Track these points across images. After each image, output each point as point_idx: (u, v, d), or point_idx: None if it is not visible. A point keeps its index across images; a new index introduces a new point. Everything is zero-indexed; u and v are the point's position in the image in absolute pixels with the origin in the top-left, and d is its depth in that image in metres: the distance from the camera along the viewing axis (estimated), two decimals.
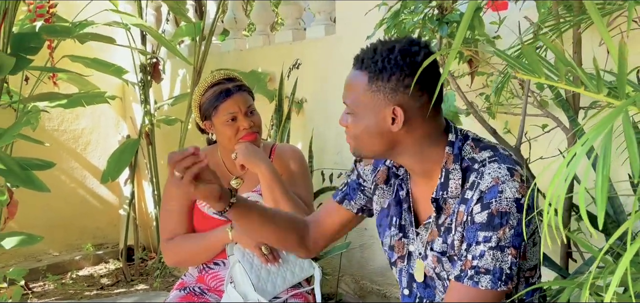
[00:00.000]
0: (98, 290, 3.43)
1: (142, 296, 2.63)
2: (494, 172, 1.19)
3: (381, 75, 1.20)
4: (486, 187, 1.18)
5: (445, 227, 1.27)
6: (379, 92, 1.21)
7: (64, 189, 3.97)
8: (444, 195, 1.25)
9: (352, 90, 1.25)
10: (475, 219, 1.19)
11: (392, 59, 1.20)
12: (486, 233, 1.17)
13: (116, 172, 3.33)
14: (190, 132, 3.38)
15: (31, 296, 3.32)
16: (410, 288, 1.37)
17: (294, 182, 1.95)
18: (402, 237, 1.36)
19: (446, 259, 1.27)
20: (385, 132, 1.22)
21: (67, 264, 3.85)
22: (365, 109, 1.23)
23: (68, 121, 4.06)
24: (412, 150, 1.26)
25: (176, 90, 3.89)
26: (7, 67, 2.22)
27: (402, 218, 1.36)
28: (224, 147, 1.96)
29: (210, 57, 3.34)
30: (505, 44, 1.96)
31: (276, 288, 1.85)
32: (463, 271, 1.20)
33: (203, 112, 1.92)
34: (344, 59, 2.92)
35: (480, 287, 1.17)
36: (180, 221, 1.94)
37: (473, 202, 1.20)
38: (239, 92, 1.89)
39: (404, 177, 1.37)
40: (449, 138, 1.27)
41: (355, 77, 1.25)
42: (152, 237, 3.99)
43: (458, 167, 1.24)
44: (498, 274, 1.16)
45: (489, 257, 1.17)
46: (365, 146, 1.26)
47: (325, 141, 3.01)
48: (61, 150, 3.95)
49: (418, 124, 1.23)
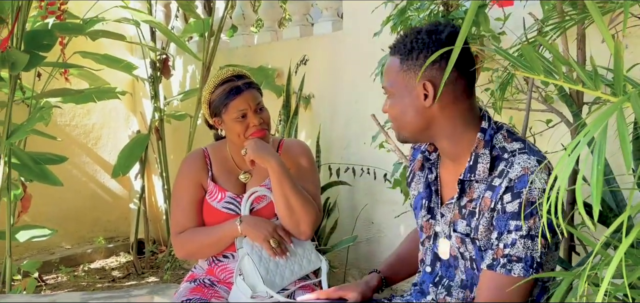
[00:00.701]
0: (109, 282, 3.49)
1: (153, 287, 2.68)
2: (524, 163, 1.25)
3: (411, 55, 1.30)
4: (516, 176, 1.24)
5: (469, 210, 1.33)
6: (410, 71, 1.30)
7: (76, 183, 4.03)
8: (471, 178, 1.31)
9: (388, 75, 1.35)
10: (506, 209, 1.25)
11: (419, 39, 1.30)
12: (518, 223, 1.23)
13: (127, 167, 3.39)
14: (200, 127, 3.42)
15: (45, 288, 3.39)
16: (433, 266, 1.44)
17: (301, 176, 1.98)
18: (430, 218, 1.44)
19: (469, 241, 1.33)
20: (420, 109, 1.31)
21: (79, 257, 3.92)
22: (400, 89, 1.32)
23: (79, 116, 4.12)
24: (447, 130, 1.33)
25: (185, 86, 3.94)
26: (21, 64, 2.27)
27: (431, 200, 1.44)
28: (233, 143, 1.99)
29: (218, 53, 3.38)
30: (510, 40, 1.98)
31: (284, 281, 1.89)
32: (495, 260, 1.26)
33: (213, 109, 1.95)
34: (351, 54, 2.98)
35: (513, 275, 1.23)
36: (191, 215, 1.97)
37: (502, 190, 1.25)
38: (249, 90, 1.92)
39: (435, 161, 1.44)
40: (482, 125, 1.33)
41: (390, 63, 1.35)
42: (162, 231, 4.05)
43: (488, 153, 1.30)
44: (530, 262, 1.23)
45: (520, 246, 1.23)
46: (405, 126, 1.35)
47: (333, 136, 3.05)
48: (73, 145, 4.00)
49: (450, 101, 1.30)
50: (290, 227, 1.89)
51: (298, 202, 1.86)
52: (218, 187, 1.98)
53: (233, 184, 2.00)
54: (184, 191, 2.00)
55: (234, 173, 2.02)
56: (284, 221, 1.90)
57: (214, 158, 2.03)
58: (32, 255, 3.79)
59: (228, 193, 1.97)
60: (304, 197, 1.88)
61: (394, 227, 2.84)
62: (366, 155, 2.88)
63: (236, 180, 2.01)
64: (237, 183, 2.01)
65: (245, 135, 1.92)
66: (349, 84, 2.99)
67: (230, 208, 1.96)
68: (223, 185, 1.99)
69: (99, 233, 4.18)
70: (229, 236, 1.92)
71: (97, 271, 3.76)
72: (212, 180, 1.99)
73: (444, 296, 1.40)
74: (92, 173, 4.20)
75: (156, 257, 3.88)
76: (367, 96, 2.87)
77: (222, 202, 1.97)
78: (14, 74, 2.54)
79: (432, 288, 1.43)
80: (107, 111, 4.23)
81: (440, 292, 1.41)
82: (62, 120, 4.00)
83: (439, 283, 1.43)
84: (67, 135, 3.97)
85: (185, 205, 1.99)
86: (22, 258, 3.59)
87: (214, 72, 3.17)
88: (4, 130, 2.65)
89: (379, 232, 2.94)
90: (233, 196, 1.97)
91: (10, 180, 2.79)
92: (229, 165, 2.03)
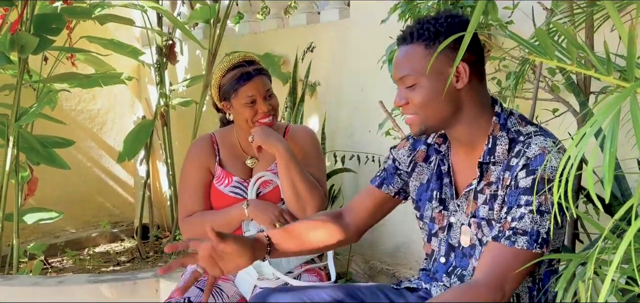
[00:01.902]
0: (114, 266, 3.52)
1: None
2: (541, 142, 1.27)
3: (438, 38, 1.27)
4: (533, 155, 1.26)
5: (490, 193, 1.34)
6: (439, 54, 1.25)
7: (81, 168, 4.05)
8: (491, 160, 1.32)
9: (409, 62, 1.31)
10: (519, 184, 1.26)
11: (442, 23, 1.29)
12: (529, 198, 1.23)
13: (132, 152, 3.40)
14: (205, 113, 3.44)
15: (50, 270, 3.42)
16: (448, 256, 1.44)
17: (307, 161, 1.99)
18: (443, 209, 1.44)
19: (485, 223, 1.34)
20: (451, 93, 1.29)
21: (84, 241, 3.94)
22: (428, 74, 1.28)
23: (85, 101, 4.14)
24: (470, 114, 1.33)
25: (191, 72, 3.95)
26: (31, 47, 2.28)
27: (443, 191, 1.44)
28: (240, 128, 2.01)
29: (224, 40, 3.38)
30: (518, 29, 1.99)
31: (290, 264, 1.91)
32: (501, 232, 1.26)
33: (222, 94, 1.96)
34: (358, 42, 2.99)
35: (516, 247, 1.23)
36: (198, 199, 2.00)
37: (518, 168, 1.27)
38: (259, 76, 1.94)
39: (445, 152, 1.44)
40: (495, 109, 1.35)
41: (409, 51, 1.31)
42: (167, 216, 4.07)
43: (505, 135, 1.32)
44: (535, 236, 1.23)
45: (528, 220, 1.23)
46: (432, 114, 1.31)
47: (338, 124, 3.06)
48: (78, 129, 4.02)
49: (477, 84, 1.32)
50: (296, 211, 1.91)
51: (304, 187, 1.88)
52: (225, 172, 2.00)
53: (240, 169, 2.02)
54: (192, 175, 2.02)
55: (240, 159, 2.04)
56: (290, 205, 1.91)
57: (221, 144, 2.05)
58: (37, 238, 3.82)
59: (235, 178, 1.99)
60: (310, 182, 1.90)
61: (397, 214, 2.85)
62: (371, 143, 2.89)
63: (243, 165, 2.03)
64: (243, 168, 2.03)
65: (253, 121, 1.93)
66: (355, 71, 3.00)
67: (237, 193, 1.98)
68: (230, 170, 2.01)
69: (104, 218, 4.20)
70: (237, 219, 1.94)
71: (102, 255, 3.79)
72: (219, 165, 2.01)
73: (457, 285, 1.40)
74: (97, 158, 4.22)
75: (160, 242, 3.91)
76: (373, 84, 2.88)
77: (229, 187, 1.99)
78: (23, 56, 2.56)
79: (446, 278, 1.44)
80: (113, 96, 4.24)
81: (453, 282, 1.42)
82: (67, 104, 4.01)
83: (452, 273, 1.43)
84: (73, 120, 3.98)
85: (193, 189, 2.01)
86: (27, 241, 3.62)
87: (219, 59, 3.20)
88: (12, 113, 2.67)
89: (383, 221, 2.94)
90: (240, 181, 1.99)
91: (18, 162, 2.81)
92: (236, 150, 2.05)
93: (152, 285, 2.57)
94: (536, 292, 1.35)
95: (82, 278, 2.65)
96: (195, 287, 1.89)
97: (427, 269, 1.53)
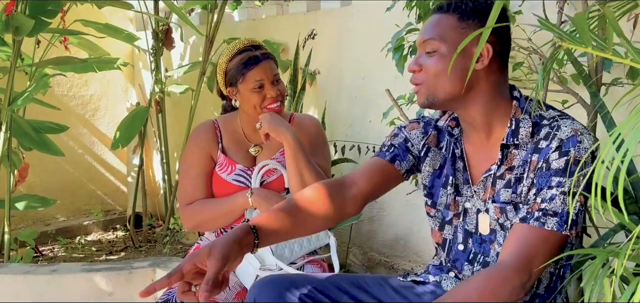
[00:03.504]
0: (107, 255, 3.46)
1: (155, 260, 2.65)
2: (571, 125, 1.26)
3: (472, 15, 1.27)
4: (566, 136, 1.24)
5: (514, 177, 1.31)
6: (469, 30, 1.26)
7: (72, 155, 3.98)
8: (515, 142, 1.30)
9: (439, 28, 1.29)
10: (551, 165, 1.24)
11: (481, 2, 1.28)
12: (560, 179, 1.21)
13: (127, 139, 3.34)
14: (201, 100, 3.38)
15: (41, 259, 3.35)
16: (466, 243, 1.41)
17: (313, 151, 1.96)
18: (457, 195, 1.41)
19: (511, 208, 1.31)
20: (466, 70, 1.24)
21: (75, 229, 3.88)
22: (452, 45, 1.27)
23: (77, 87, 4.06)
24: (485, 96, 1.31)
25: (187, 59, 3.88)
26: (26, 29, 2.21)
27: (457, 177, 1.41)
28: (246, 114, 1.96)
29: (222, 27, 3.32)
30: (526, 19, 1.96)
31: (293, 254, 1.88)
32: (529, 213, 1.23)
33: (229, 79, 1.92)
34: (359, 30, 2.95)
35: (546, 228, 1.20)
36: (200, 186, 1.95)
37: (551, 150, 1.25)
38: (267, 60, 1.90)
39: (458, 136, 1.41)
40: (514, 94, 1.34)
41: (442, 19, 1.30)
42: (160, 205, 4.02)
43: (528, 117, 1.30)
44: (565, 217, 1.20)
45: (558, 201, 1.21)
46: (444, 85, 1.29)
47: (337, 113, 3.02)
48: (70, 115, 3.94)
49: (496, 68, 1.30)
50: None
51: (311, 177, 1.85)
52: (228, 159, 1.96)
53: (243, 157, 1.98)
54: (194, 162, 1.98)
55: (244, 146, 2.00)
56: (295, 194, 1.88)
57: (224, 131, 2.01)
58: (27, 226, 3.75)
59: (238, 166, 1.95)
60: (317, 172, 1.87)
61: (396, 205, 2.84)
62: (371, 133, 2.86)
63: (246, 153, 1.99)
64: (247, 156, 1.99)
65: (261, 107, 1.89)
66: (355, 60, 2.96)
67: (241, 181, 1.94)
68: (233, 158, 1.97)
69: (95, 206, 4.14)
70: (240, 208, 1.90)
71: (94, 243, 3.73)
72: (222, 152, 1.97)
73: None
74: (89, 145, 4.15)
75: (153, 231, 3.85)
76: (375, 73, 2.85)
77: (233, 174, 1.95)
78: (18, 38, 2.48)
79: (468, 266, 1.40)
80: (106, 82, 4.16)
81: (476, 270, 1.38)
82: (59, 90, 3.93)
83: (474, 260, 1.39)
84: (65, 106, 3.90)
85: (195, 176, 1.97)
86: (16, 228, 3.55)
87: (217, 46, 3.14)
88: (5, 97, 2.60)
89: (381, 210, 2.93)
90: (243, 169, 1.95)
91: (10, 148, 2.74)
92: (239, 137, 2.01)
93: (147, 274, 2.52)
94: (555, 277, 1.33)
95: (76, 267, 2.59)
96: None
97: (436, 264, 1.49)
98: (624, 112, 1.34)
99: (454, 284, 1.41)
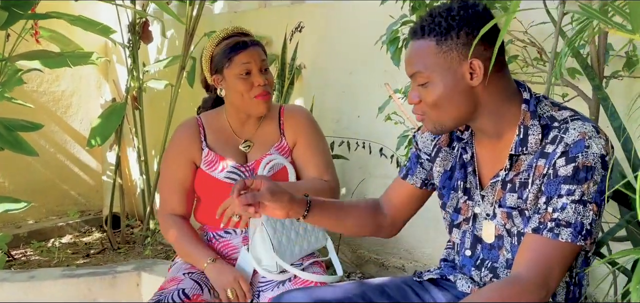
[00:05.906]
0: (84, 258, 3.32)
1: (139, 263, 2.54)
2: (580, 128, 1.20)
3: (449, 34, 1.20)
4: (572, 141, 1.18)
5: (519, 182, 1.26)
6: (452, 51, 1.21)
7: (43, 153, 3.79)
8: (524, 151, 1.25)
9: (420, 59, 1.24)
10: (559, 172, 1.19)
11: (455, 16, 1.20)
12: (570, 187, 1.17)
13: (103, 137, 3.19)
14: (180, 97, 3.27)
15: (15, 264, 3.19)
16: (474, 249, 1.37)
17: (311, 148, 1.91)
18: (467, 199, 1.36)
19: (516, 213, 1.27)
20: (466, 90, 1.22)
21: (48, 231, 3.71)
22: (440, 71, 1.22)
23: (48, 82, 3.88)
24: (491, 107, 1.25)
25: (164, 53, 3.75)
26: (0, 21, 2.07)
27: (467, 181, 1.36)
28: (233, 107, 1.88)
29: (201, 19, 3.21)
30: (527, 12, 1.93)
31: (294, 256, 1.83)
32: (542, 223, 1.19)
33: (215, 64, 1.84)
34: (346, 24, 2.88)
35: (560, 239, 1.16)
36: (177, 201, 1.89)
37: (557, 156, 1.19)
38: (255, 46, 1.84)
39: (468, 140, 1.36)
40: (524, 96, 1.27)
41: (420, 46, 1.24)
42: (137, 205, 3.88)
43: (537, 123, 1.24)
44: (579, 228, 1.16)
45: (570, 210, 1.17)
46: (447, 112, 1.25)
47: (324, 109, 2.95)
48: (40, 112, 3.75)
49: (495, 78, 1.23)
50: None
51: None
52: (218, 155, 1.88)
53: (233, 154, 1.90)
54: (174, 167, 1.90)
55: (232, 143, 1.92)
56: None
57: (209, 128, 1.92)
58: None
59: (230, 163, 1.87)
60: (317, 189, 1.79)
61: None
62: (359, 128, 2.81)
63: (236, 150, 1.91)
64: (237, 153, 1.91)
65: (248, 96, 1.82)
66: (342, 54, 2.90)
67: (233, 179, 1.86)
68: (222, 155, 1.88)
69: (69, 207, 3.97)
70: (196, 263, 1.84)
71: (69, 246, 3.58)
72: (209, 149, 1.88)
73: (490, 278, 1.34)
74: (61, 144, 3.97)
75: (132, 232, 3.72)
76: (362, 67, 2.79)
77: (224, 172, 1.87)
78: None
79: (475, 271, 1.37)
80: (78, 78, 4.00)
81: (484, 275, 1.35)
82: (28, 86, 3.74)
83: (481, 266, 1.36)
84: (35, 102, 3.71)
85: (174, 185, 1.89)
86: None
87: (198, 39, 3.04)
88: None
89: None
90: (236, 166, 1.87)
91: None
92: (227, 134, 1.93)
93: (132, 278, 2.42)
94: (572, 287, 1.29)
95: (55, 273, 2.47)
96: (190, 279, 1.80)
97: (448, 260, 1.46)
98: (622, 105, 1.31)
99: (468, 285, 1.37)
